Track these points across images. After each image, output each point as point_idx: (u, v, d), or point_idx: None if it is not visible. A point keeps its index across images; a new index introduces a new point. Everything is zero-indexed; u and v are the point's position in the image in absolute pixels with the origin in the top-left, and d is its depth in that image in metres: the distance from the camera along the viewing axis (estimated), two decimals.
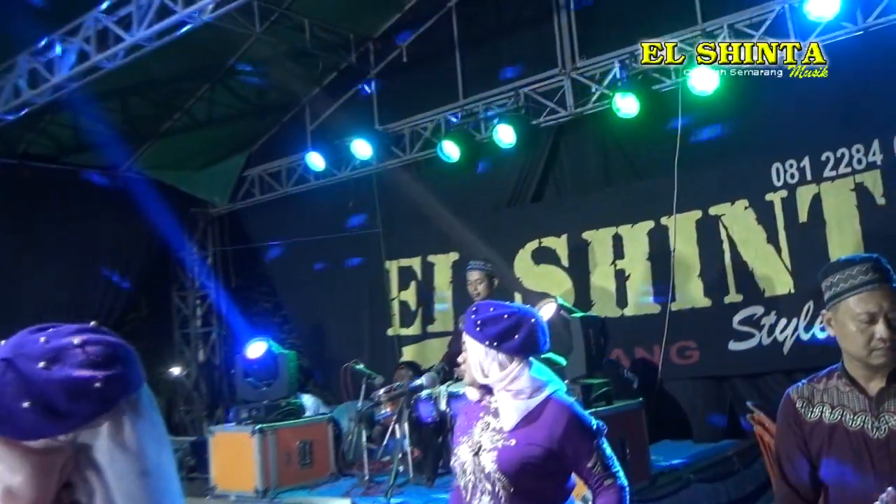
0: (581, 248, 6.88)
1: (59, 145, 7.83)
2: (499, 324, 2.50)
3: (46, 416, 1.27)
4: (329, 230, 8.45)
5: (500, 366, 2.48)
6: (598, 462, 2.46)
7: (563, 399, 2.56)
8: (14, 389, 1.28)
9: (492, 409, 2.58)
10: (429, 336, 7.67)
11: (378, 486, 5.15)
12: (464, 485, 2.56)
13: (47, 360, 1.30)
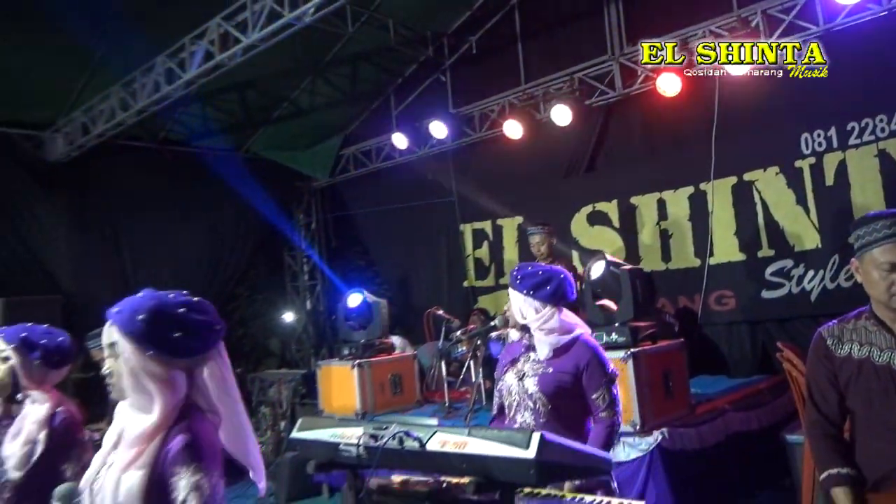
0: (629, 211, 6.75)
1: (191, 131, 8.03)
2: (534, 278, 2.78)
3: (189, 341, 1.66)
4: (412, 199, 8.51)
5: (535, 310, 2.74)
6: (601, 396, 2.71)
7: (589, 340, 2.83)
8: (168, 321, 1.65)
9: (531, 346, 2.81)
10: (501, 287, 7.68)
11: (457, 412, 5.23)
12: (508, 404, 2.82)
13: (186, 307, 1.69)
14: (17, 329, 2.52)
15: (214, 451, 1.64)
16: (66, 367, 2.59)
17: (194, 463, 1.57)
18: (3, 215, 6.76)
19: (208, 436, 1.65)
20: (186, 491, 1.55)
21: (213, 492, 1.57)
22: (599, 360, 2.74)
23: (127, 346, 1.63)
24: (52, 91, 6.66)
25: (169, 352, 1.63)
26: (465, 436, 1.96)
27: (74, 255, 7.18)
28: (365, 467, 2.20)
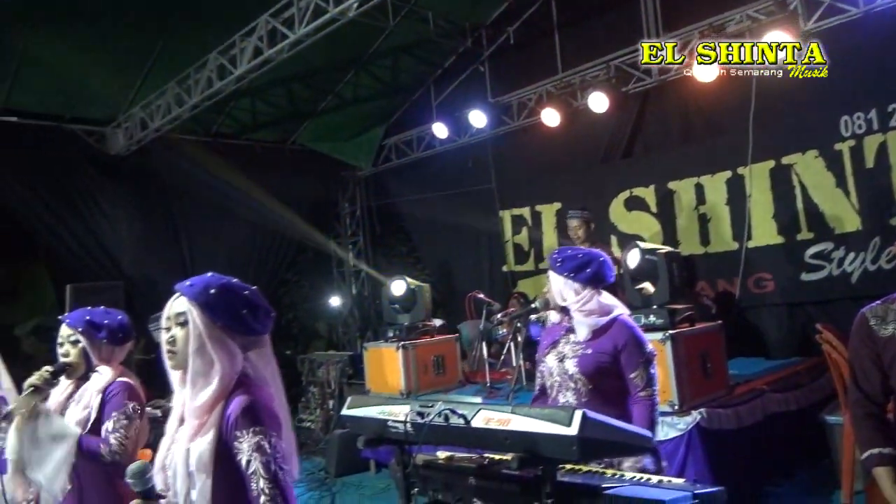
0: (667, 196, 6.63)
1: (241, 125, 8.16)
2: (573, 261, 2.76)
3: (252, 321, 1.72)
4: (452, 186, 8.51)
5: (575, 292, 2.72)
6: (639, 375, 2.66)
7: (628, 320, 2.79)
8: (240, 302, 1.73)
9: (571, 327, 2.79)
10: (540, 272, 7.63)
11: (498, 392, 5.25)
12: (549, 384, 2.82)
13: (249, 291, 1.78)
14: (80, 313, 2.63)
15: (273, 413, 1.69)
16: (129, 342, 2.71)
17: (254, 426, 1.62)
18: (71, 206, 6.98)
19: (266, 400, 1.70)
20: (249, 452, 1.60)
21: (275, 451, 1.61)
22: (637, 340, 2.70)
23: (198, 314, 1.69)
24: (113, 89, 6.83)
25: (235, 327, 1.71)
26: (509, 413, 1.97)
27: (135, 242, 7.38)
28: (412, 443, 2.24)
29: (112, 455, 2.42)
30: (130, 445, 2.46)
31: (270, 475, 1.59)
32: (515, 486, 2.12)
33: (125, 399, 2.50)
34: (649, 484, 2.16)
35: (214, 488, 1.64)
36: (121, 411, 2.47)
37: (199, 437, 1.66)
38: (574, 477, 2.24)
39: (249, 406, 1.65)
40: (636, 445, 2.06)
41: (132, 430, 2.48)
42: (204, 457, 1.64)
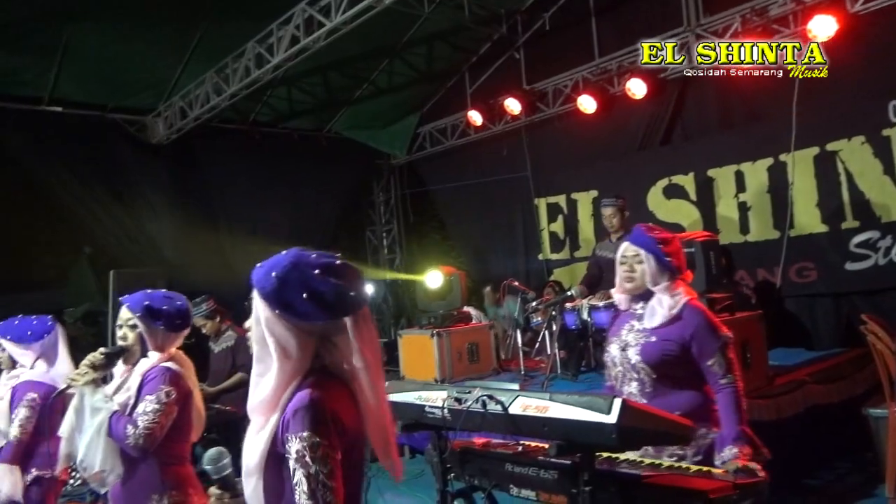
0: (707, 183, 6.51)
1: (278, 113, 8.25)
2: (668, 244, 2.62)
3: (317, 306, 1.50)
4: (486, 174, 8.49)
5: (669, 277, 2.57)
6: (717, 363, 2.49)
7: (699, 305, 2.61)
8: (300, 284, 1.51)
9: (637, 315, 2.65)
10: (576, 260, 7.59)
11: (532, 380, 5.23)
12: (614, 375, 2.68)
13: (321, 270, 1.52)
14: (140, 297, 2.59)
15: (330, 418, 1.49)
16: (186, 329, 2.66)
17: (302, 431, 1.45)
18: (115, 193, 7.15)
19: (326, 402, 1.50)
20: (294, 459, 1.45)
21: (321, 463, 1.44)
22: (709, 324, 2.52)
23: (259, 302, 1.54)
24: (154, 78, 6.96)
25: (294, 314, 1.51)
26: (547, 400, 1.96)
27: (176, 228, 7.52)
28: (449, 429, 2.24)
29: (136, 438, 2.38)
30: (158, 431, 2.42)
31: (310, 492, 1.43)
32: (553, 472, 2.12)
33: (161, 384, 2.46)
34: (689, 473, 2.14)
35: (267, 490, 1.52)
36: (154, 395, 2.44)
37: (257, 433, 1.53)
38: (612, 465, 2.23)
39: (303, 407, 1.47)
40: (677, 434, 2.03)
41: (162, 416, 2.43)
42: (254, 457, 1.52)
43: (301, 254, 1.57)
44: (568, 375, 5.21)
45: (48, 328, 3.47)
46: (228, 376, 5.37)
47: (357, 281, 1.57)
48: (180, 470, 2.55)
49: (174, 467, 2.53)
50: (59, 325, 3.55)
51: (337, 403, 1.52)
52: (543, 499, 2.19)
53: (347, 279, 1.54)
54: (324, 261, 1.55)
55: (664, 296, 2.56)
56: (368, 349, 1.56)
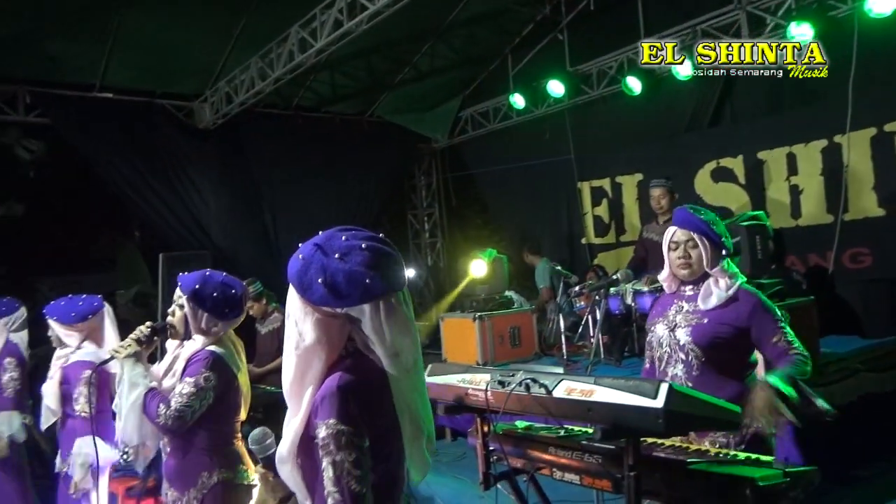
0: (756, 166, 6.34)
1: (321, 98, 8.31)
2: (720, 225, 2.55)
3: (331, 292, 1.45)
4: (529, 158, 8.42)
5: (723, 258, 2.51)
6: (781, 338, 2.41)
7: (750, 288, 2.54)
8: (317, 268, 1.47)
9: (685, 296, 2.60)
10: (622, 245, 7.50)
11: (575, 365, 5.20)
12: (658, 356, 2.61)
13: (341, 254, 1.48)
14: (193, 279, 2.59)
15: (358, 404, 1.47)
16: (236, 317, 2.64)
17: (329, 417, 1.44)
18: (163, 178, 7.32)
19: (355, 389, 1.48)
20: (321, 446, 1.45)
21: (347, 451, 1.43)
22: (763, 304, 2.46)
23: (291, 289, 1.53)
24: (200, 64, 7.08)
25: (311, 298, 1.48)
26: (592, 384, 1.94)
27: (222, 212, 7.68)
28: (492, 412, 2.24)
29: (166, 418, 2.40)
30: (190, 414, 2.44)
31: (335, 478, 1.42)
32: (596, 457, 2.11)
33: (202, 368, 2.48)
34: (737, 460, 2.10)
35: (306, 477, 1.53)
36: (192, 378, 2.46)
37: (292, 416, 1.54)
38: (656, 450, 2.20)
39: (331, 394, 1.46)
40: (725, 420, 1.99)
41: (196, 400, 2.45)
42: (286, 443, 1.52)
43: (331, 235, 1.53)
44: (611, 361, 5.17)
45: (94, 308, 3.56)
46: (274, 357, 5.48)
47: (382, 266, 1.49)
48: (230, 448, 2.61)
49: (224, 446, 2.59)
50: (106, 306, 3.64)
51: (367, 389, 1.49)
52: (587, 483, 2.18)
53: (368, 264, 1.47)
54: (350, 243, 1.49)
55: (723, 278, 2.50)
56: (398, 338, 1.50)
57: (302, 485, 1.54)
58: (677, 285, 2.63)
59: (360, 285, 1.45)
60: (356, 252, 1.48)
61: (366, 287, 1.46)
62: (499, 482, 2.43)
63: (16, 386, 4.23)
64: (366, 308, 1.48)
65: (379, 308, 1.49)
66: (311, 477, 1.53)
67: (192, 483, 2.51)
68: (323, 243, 1.51)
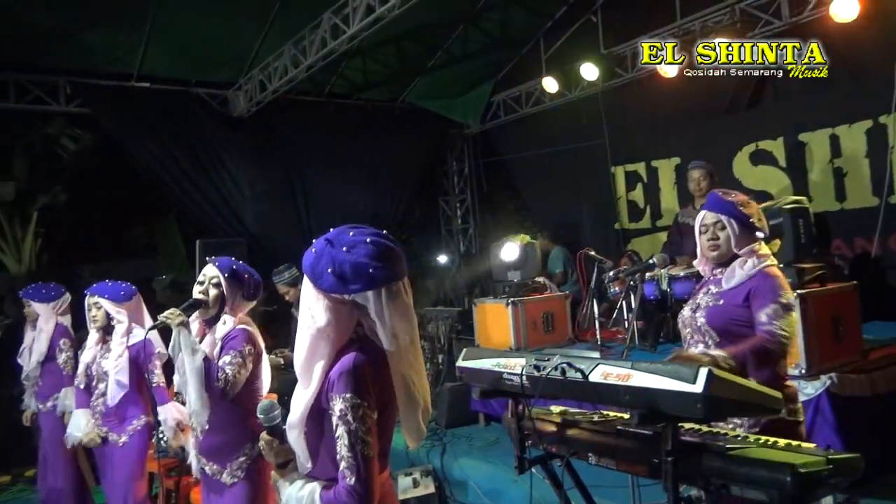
0: (798, 148, 6.18)
1: (353, 85, 8.33)
2: (752, 206, 2.59)
3: (339, 280, 1.65)
4: (561, 142, 8.33)
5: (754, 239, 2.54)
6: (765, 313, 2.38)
7: (775, 271, 2.54)
8: (327, 259, 1.67)
9: (716, 279, 2.62)
10: (658, 230, 7.40)
11: (609, 351, 5.17)
12: (684, 336, 2.70)
13: (348, 247, 1.68)
14: (228, 260, 2.83)
15: (369, 381, 1.67)
16: (256, 300, 2.91)
17: (345, 392, 1.63)
18: (199, 166, 7.43)
19: (366, 368, 1.67)
20: (337, 417, 1.63)
21: (361, 422, 1.63)
22: (771, 284, 2.46)
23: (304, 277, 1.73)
24: (235, 52, 7.16)
25: (322, 286, 1.67)
26: (629, 369, 1.93)
27: (257, 199, 7.78)
28: (527, 396, 2.24)
29: (225, 383, 2.61)
30: (239, 382, 2.65)
31: (350, 445, 1.62)
32: (633, 442, 2.10)
33: (243, 342, 2.70)
34: (777, 447, 2.07)
35: (311, 443, 1.72)
36: (237, 350, 2.67)
37: (302, 392, 1.71)
38: (693, 436, 2.18)
39: (347, 371, 1.65)
40: (764, 406, 1.96)
41: (243, 370, 2.67)
42: (297, 412, 1.70)
43: (340, 231, 1.73)
44: (646, 347, 5.12)
45: (133, 291, 3.84)
46: None
47: (385, 258, 1.68)
48: None
49: None
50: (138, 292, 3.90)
51: (375, 369, 1.69)
52: (622, 468, 2.17)
53: (372, 256, 1.66)
54: (357, 238, 1.69)
55: (751, 259, 2.51)
56: (397, 322, 1.69)
57: (306, 449, 1.74)
58: (711, 269, 2.65)
59: (364, 275, 1.66)
60: (361, 245, 1.68)
61: (370, 276, 1.66)
62: (533, 466, 2.44)
63: (73, 364, 4.47)
64: (370, 295, 1.68)
65: (381, 295, 1.68)
66: (315, 442, 1.74)
67: (235, 455, 2.64)
68: (333, 238, 1.72)
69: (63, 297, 4.68)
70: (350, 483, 1.62)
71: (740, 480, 1.89)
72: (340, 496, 1.63)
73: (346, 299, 1.69)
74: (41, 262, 7.64)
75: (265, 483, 2.66)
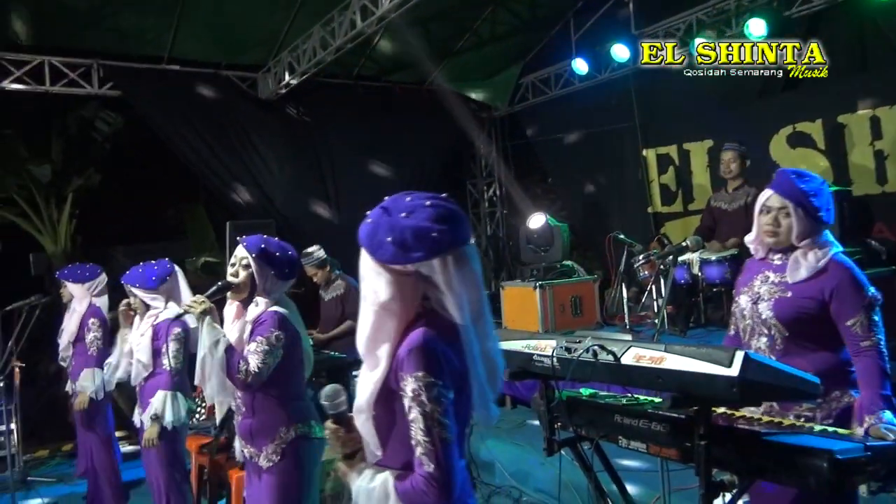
0: (836, 130, 6.02)
1: (381, 67, 8.31)
2: (823, 197, 2.38)
3: (400, 248, 1.50)
4: (591, 125, 8.23)
5: (819, 232, 2.37)
6: (858, 323, 2.25)
7: (844, 259, 2.37)
8: (385, 228, 1.53)
9: (773, 265, 2.46)
10: (690, 213, 7.28)
11: (638, 335, 5.13)
12: (742, 328, 2.53)
13: (407, 212, 1.52)
14: (257, 240, 2.70)
15: (442, 358, 1.51)
16: (293, 278, 2.76)
17: (416, 371, 1.48)
18: (230, 148, 7.48)
19: (438, 343, 1.52)
20: (409, 399, 1.49)
21: (436, 402, 1.47)
22: (854, 281, 2.28)
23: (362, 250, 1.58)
24: (264, 35, 7.18)
25: (382, 257, 1.53)
26: (662, 352, 1.91)
27: (286, 181, 7.82)
28: (558, 378, 2.22)
29: (247, 374, 2.52)
30: (266, 371, 2.56)
31: (425, 429, 1.47)
32: (665, 425, 2.07)
33: (271, 327, 2.59)
34: (813, 432, 2.03)
35: (378, 424, 1.58)
36: (265, 337, 2.57)
37: (369, 373, 1.58)
38: (727, 420, 2.15)
39: (417, 347, 1.50)
40: (803, 391, 1.92)
41: (270, 357, 2.57)
42: (365, 395, 1.57)
43: (396, 198, 1.58)
44: (676, 331, 5.08)
45: (168, 271, 3.76)
46: (338, 323, 5.60)
47: (447, 220, 1.52)
48: (301, 404, 2.73)
49: (295, 402, 2.71)
50: (177, 267, 3.83)
51: (447, 345, 1.53)
52: (653, 451, 2.15)
53: (434, 219, 1.51)
54: (415, 202, 1.54)
55: (812, 251, 2.35)
56: (465, 291, 1.53)
57: (375, 435, 1.60)
58: (765, 251, 2.49)
59: (426, 239, 1.50)
60: (421, 209, 1.52)
61: (433, 241, 1.50)
62: (562, 448, 2.43)
63: (98, 345, 4.52)
64: (434, 263, 1.52)
65: (447, 262, 1.52)
66: (385, 428, 1.59)
67: (270, 438, 2.62)
68: (389, 205, 1.57)
69: (98, 278, 4.73)
70: (428, 471, 1.47)
71: (776, 466, 1.86)
72: (418, 485, 1.48)
73: (409, 270, 1.53)
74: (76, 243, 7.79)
75: (302, 467, 2.64)
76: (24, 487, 5.20)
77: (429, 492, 1.47)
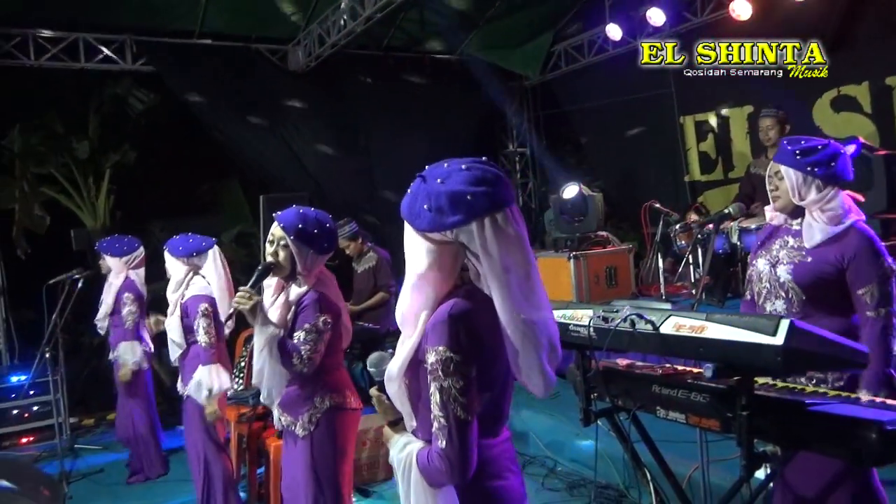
0: (884, 93, 5.79)
1: (411, 37, 8.23)
2: (815, 153, 2.39)
3: (437, 215, 1.47)
4: (625, 92, 8.03)
5: (817, 190, 2.38)
6: (870, 292, 2.30)
7: (865, 227, 2.41)
8: (422, 196, 1.50)
9: (792, 231, 2.49)
10: (730, 181, 7.11)
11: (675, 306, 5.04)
12: (758, 290, 2.57)
13: (442, 178, 1.50)
14: (294, 219, 2.62)
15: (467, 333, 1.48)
16: (332, 250, 2.74)
17: (438, 344, 1.46)
18: (262, 121, 7.53)
19: (466, 317, 1.49)
20: (430, 370, 1.48)
21: (455, 379, 1.45)
22: (873, 250, 2.34)
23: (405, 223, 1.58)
24: (293, 6, 7.14)
25: (421, 226, 1.51)
26: (703, 320, 1.86)
27: (319, 153, 7.85)
28: (595, 348, 2.20)
29: (302, 364, 2.55)
30: (318, 358, 2.59)
31: (441, 403, 1.46)
32: (705, 395, 2.03)
33: (316, 311, 2.59)
34: (860, 403, 1.98)
35: (411, 396, 1.59)
36: (312, 324, 2.58)
37: (403, 341, 1.58)
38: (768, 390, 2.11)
39: (442, 321, 1.48)
40: (849, 360, 1.86)
41: (321, 344, 2.59)
42: (396, 364, 1.57)
43: (434, 166, 1.56)
44: (714, 301, 4.98)
45: (201, 248, 3.73)
46: (370, 295, 5.63)
47: (484, 183, 1.47)
48: (337, 375, 2.76)
49: (332, 373, 2.73)
50: (216, 247, 3.81)
51: (479, 318, 1.50)
52: (693, 422, 2.11)
53: (469, 182, 1.47)
54: (451, 168, 1.51)
55: (817, 210, 2.39)
56: (507, 255, 1.46)
57: (407, 404, 1.61)
58: (784, 218, 2.54)
59: (462, 203, 1.46)
60: (456, 173, 1.49)
61: (469, 204, 1.46)
62: (599, 419, 2.41)
63: (135, 318, 4.62)
64: (473, 228, 1.47)
65: (484, 226, 1.46)
66: (416, 398, 1.59)
67: (306, 408, 2.66)
68: (426, 174, 1.55)
69: (136, 251, 4.82)
70: (441, 447, 1.47)
71: (820, 437, 1.82)
72: (433, 461, 1.50)
73: (448, 238, 1.50)
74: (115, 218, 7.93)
75: (337, 437, 2.66)
76: (71, 455, 5.38)
77: (442, 467, 1.48)
